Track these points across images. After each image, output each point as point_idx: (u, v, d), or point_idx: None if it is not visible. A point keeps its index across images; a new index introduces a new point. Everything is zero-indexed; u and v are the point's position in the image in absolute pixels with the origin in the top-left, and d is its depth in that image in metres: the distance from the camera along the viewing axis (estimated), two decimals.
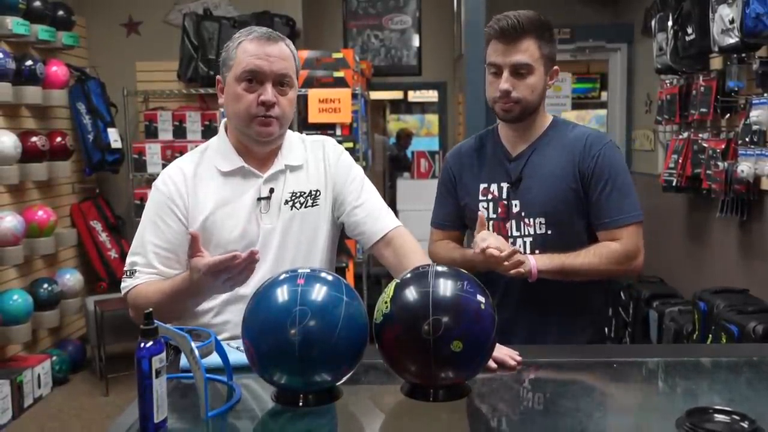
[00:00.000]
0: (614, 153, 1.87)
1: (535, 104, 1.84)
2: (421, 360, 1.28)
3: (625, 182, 1.84)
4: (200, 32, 4.72)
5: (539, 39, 1.80)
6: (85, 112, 4.59)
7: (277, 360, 1.25)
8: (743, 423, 1.14)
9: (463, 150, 2.02)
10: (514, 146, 1.91)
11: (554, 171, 1.85)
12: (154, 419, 1.14)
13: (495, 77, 1.83)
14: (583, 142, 1.85)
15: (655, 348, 3.01)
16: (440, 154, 5.90)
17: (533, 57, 1.79)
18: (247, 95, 1.61)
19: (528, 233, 1.86)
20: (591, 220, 1.85)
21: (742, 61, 3.23)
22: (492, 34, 1.81)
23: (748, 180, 3.10)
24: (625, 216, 1.81)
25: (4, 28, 3.82)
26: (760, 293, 3.16)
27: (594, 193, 1.82)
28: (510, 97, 1.80)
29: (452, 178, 2.00)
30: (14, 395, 3.70)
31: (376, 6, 6.11)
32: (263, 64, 1.60)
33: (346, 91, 4.11)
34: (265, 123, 1.63)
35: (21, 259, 3.89)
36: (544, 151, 1.88)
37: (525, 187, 1.87)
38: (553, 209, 1.84)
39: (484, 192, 1.92)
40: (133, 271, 1.66)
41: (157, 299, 1.57)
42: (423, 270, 1.35)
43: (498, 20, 1.80)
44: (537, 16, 1.81)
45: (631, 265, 1.83)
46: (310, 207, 1.73)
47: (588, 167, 1.82)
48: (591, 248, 1.81)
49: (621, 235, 1.81)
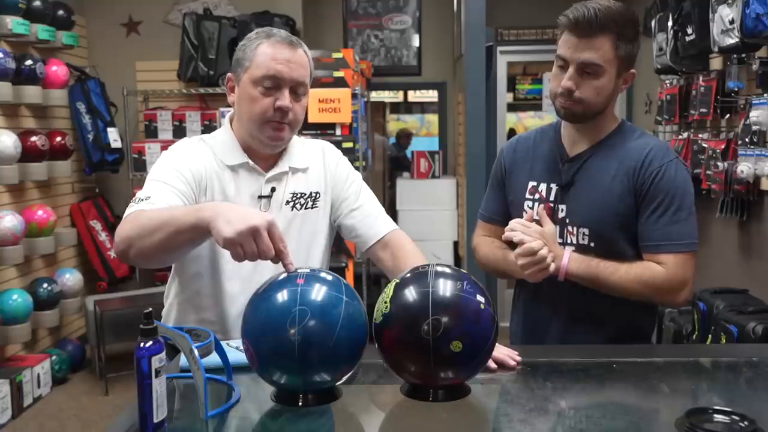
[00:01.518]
0: (677, 172, 1.67)
1: (599, 107, 1.67)
2: (420, 360, 1.28)
3: (682, 206, 1.65)
4: (200, 32, 4.72)
5: (618, 38, 1.61)
6: (85, 112, 4.59)
7: (276, 360, 1.25)
8: (743, 423, 1.14)
9: (519, 143, 1.88)
10: (573, 147, 1.76)
11: (608, 181, 1.69)
12: (154, 419, 1.14)
13: (560, 70, 1.66)
14: (643, 155, 1.67)
15: (654, 348, 3.01)
16: (440, 154, 5.90)
17: (605, 57, 1.61)
18: (263, 99, 1.60)
19: (570, 242, 1.72)
20: (638, 242, 1.69)
21: (742, 61, 3.23)
22: (565, 24, 1.63)
23: (747, 180, 3.10)
24: (673, 243, 1.64)
25: (4, 27, 3.83)
26: (760, 293, 3.16)
27: (645, 213, 1.66)
28: (571, 96, 1.65)
29: (503, 172, 1.88)
30: (14, 395, 3.70)
31: (376, 6, 6.11)
32: (284, 70, 1.59)
33: (346, 91, 4.10)
34: (279, 128, 1.63)
35: (21, 259, 3.89)
36: (603, 158, 1.72)
37: (574, 192, 1.73)
38: (599, 221, 1.69)
39: (531, 191, 1.79)
40: (145, 198, 1.51)
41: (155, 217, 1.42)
42: (423, 270, 1.35)
43: (575, 9, 1.61)
44: (620, 11, 1.61)
45: (673, 297, 1.68)
46: (310, 209, 1.74)
47: (644, 184, 1.66)
48: (633, 266, 1.66)
49: (667, 261, 1.64)
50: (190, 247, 1.49)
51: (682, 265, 1.65)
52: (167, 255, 1.47)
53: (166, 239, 1.38)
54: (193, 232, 1.36)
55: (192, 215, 1.36)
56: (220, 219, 1.29)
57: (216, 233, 1.29)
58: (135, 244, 1.42)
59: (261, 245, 1.27)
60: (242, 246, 1.27)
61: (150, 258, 1.46)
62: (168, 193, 1.54)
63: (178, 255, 1.54)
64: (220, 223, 1.28)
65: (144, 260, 1.49)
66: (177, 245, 1.42)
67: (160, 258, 1.47)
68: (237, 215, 1.29)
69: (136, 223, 1.44)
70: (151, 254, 1.43)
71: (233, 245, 1.27)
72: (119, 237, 1.45)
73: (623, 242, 1.70)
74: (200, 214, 1.34)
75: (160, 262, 1.52)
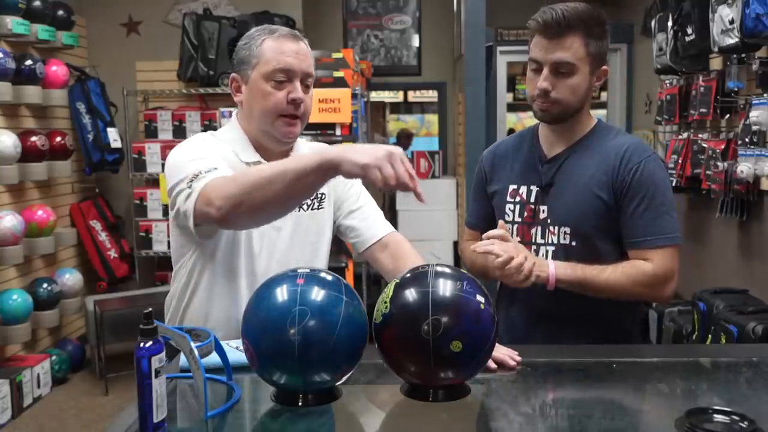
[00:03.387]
0: (655, 168, 1.71)
1: (576, 106, 1.71)
2: (420, 360, 1.28)
3: (664, 201, 1.69)
4: (200, 32, 4.72)
5: (587, 36, 1.66)
6: (85, 112, 4.59)
7: (276, 360, 1.25)
8: (742, 423, 1.14)
9: (498, 149, 1.92)
10: (551, 148, 1.80)
11: (587, 180, 1.72)
12: (154, 419, 1.14)
13: (535, 74, 1.70)
14: (621, 153, 1.71)
15: (654, 348, 3.01)
16: (440, 154, 5.90)
17: (577, 55, 1.65)
18: (276, 93, 1.61)
19: (551, 242, 1.75)
20: (622, 239, 1.72)
21: (741, 61, 3.23)
22: (535, 28, 1.68)
23: (747, 180, 3.10)
24: (657, 237, 1.67)
25: (4, 27, 3.83)
26: (759, 293, 3.16)
27: (627, 210, 1.69)
28: (548, 97, 1.68)
29: (484, 178, 1.92)
30: (14, 395, 3.70)
31: (376, 6, 6.11)
32: (293, 62, 1.61)
33: (346, 91, 4.10)
34: (291, 123, 1.63)
35: (20, 259, 3.89)
36: (581, 157, 1.75)
37: (555, 192, 1.76)
38: (580, 220, 1.72)
39: (512, 193, 1.82)
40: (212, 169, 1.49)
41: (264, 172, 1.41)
42: (422, 270, 1.35)
43: (543, 12, 1.66)
44: (587, 10, 1.66)
45: (660, 291, 1.70)
46: (317, 209, 1.75)
47: (624, 181, 1.69)
48: (619, 265, 1.68)
49: (652, 256, 1.67)
50: (310, 193, 1.53)
51: (667, 258, 1.68)
52: (285, 205, 1.48)
53: (286, 187, 1.38)
54: (316, 173, 1.37)
55: (313, 158, 1.37)
56: (351, 152, 1.33)
57: (351, 164, 1.32)
58: (245, 201, 1.40)
59: (398, 168, 1.32)
60: (381, 169, 1.31)
61: (263, 212, 1.45)
62: (225, 166, 1.52)
63: (293, 205, 1.53)
64: (354, 155, 1.33)
65: (255, 217, 1.47)
66: (297, 192, 1.42)
67: (276, 210, 1.48)
68: (368, 147, 1.35)
69: (239, 182, 1.42)
70: (266, 208, 1.43)
71: (371, 169, 1.31)
72: (221, 199, 1.41)
73: (604, 240, 1.73)
74: (323, 155, 1.36)
75: (273, 215, 1.52)
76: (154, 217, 4.66)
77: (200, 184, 1.46)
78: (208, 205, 1.43)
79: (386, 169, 1.31)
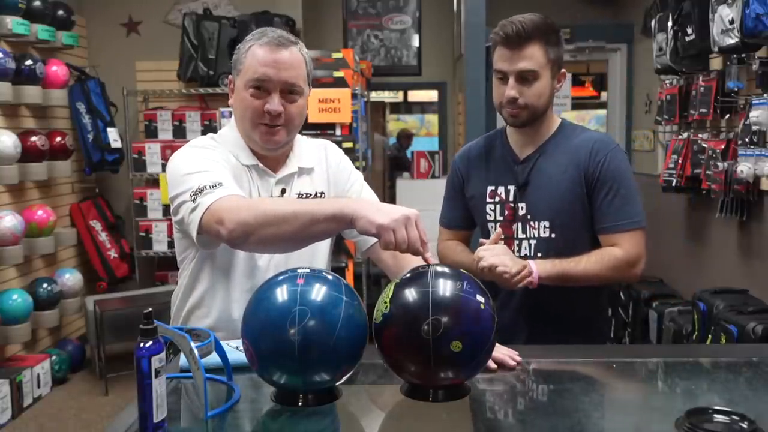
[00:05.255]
0: (619, 159, 1.86)
1: (542, 109, 1.84)
2: (420, 360, 1.28)
3: (629, 188, 1.83)
4: (200, 32, 4.72)
5: (545, 44, 1.79)
6: (85, 112, 4.59)
7: (276, 360, 1.25)
8: (742, 423, 1.14)
9: (471, 151, 2.03)
10: (522, 149, 1.92)
11: (560, 175, 1.85)
12: (154, 419, 1.14)
13: (501, 83, 1.83)
14: (589, 148, 1.85)
15: (654, 348, 3.01)
16: (440, 154, 5.90)
17: (539, 63, 1.79)
18: (253, 102, 1.60)
19: (533, 236, 1.88)
20: (594, 225, 1.85)
21: (741, 61, 3.23)
22: (497, 40, 1.81)
23: (747, 180, 3.10)
24: (625, 222, 1.81)
25: (4, 27, 3.83)
26: (759, 293, 3.16)
27: (597, 199, 1.83)
28: (517, 104, 1.81)
29: (460, 180, 2.03)
30: (14, 395, 3.70)
31: (376, 6, 6.11)
32: (271, 73, 1.58)
33: (345, 91, 4.10)
34: (270, 132, 1.62)
35: (20, 259, 3.89)
36: (551, 155, 1.88)
37: (531, 190, 1.88)
38: (558, 213, 1.85)
39: (491, 194, 1.94)
40: (216, 184, 1.49)
41: (281, 208, 1.43)
42: (422, 270, 1.35)
43: (503, 26, 1.79)
44: (542, 21, 1.80)
45: (631, 271, 1.83)
46: None
47: (593, 173, 1.83)
48: (592, 254, 1.81)
49: (621, 240, 1.81)
50: (322, 238, 1.55)
51: (635, 241, 1.82)
52: (294, 244, 1.51)
53: (298, 230, 1.41)
54: (330, 222, 1.39)
55: (330, 205, 1.41)
56: (370, 208, 1.36)
57: (367, 221, 1.34)
58: (256, 232, 1.41)
59: (412, 233, 1.34)
60: (395, 232, 1.33)
61: (271, 246, 1.50)
62: (232, 182, 1.53)
63: (303, 245, 1.55)
64: (371, 212, 1.35)
65: (262, 247, 1.51)
66: (309, 235, 1.45)
67: (283, 246, 1.52)
68: (387, 206, 1.38)
69: (257, 211, 1.43)
70: (275, 243, 1.45)
71: (387, 231, 1.33)
72: (234, 222, 1.42)
73: (580, 228, 1.86)
74: (341, 204, 1.40)
75: (280, 250, 1.56)
76: (154, 217, 4.66)
77: (206, 200, 1.47)
78: (219, 223, 1.44)
79: (400, 233, 1.33)
